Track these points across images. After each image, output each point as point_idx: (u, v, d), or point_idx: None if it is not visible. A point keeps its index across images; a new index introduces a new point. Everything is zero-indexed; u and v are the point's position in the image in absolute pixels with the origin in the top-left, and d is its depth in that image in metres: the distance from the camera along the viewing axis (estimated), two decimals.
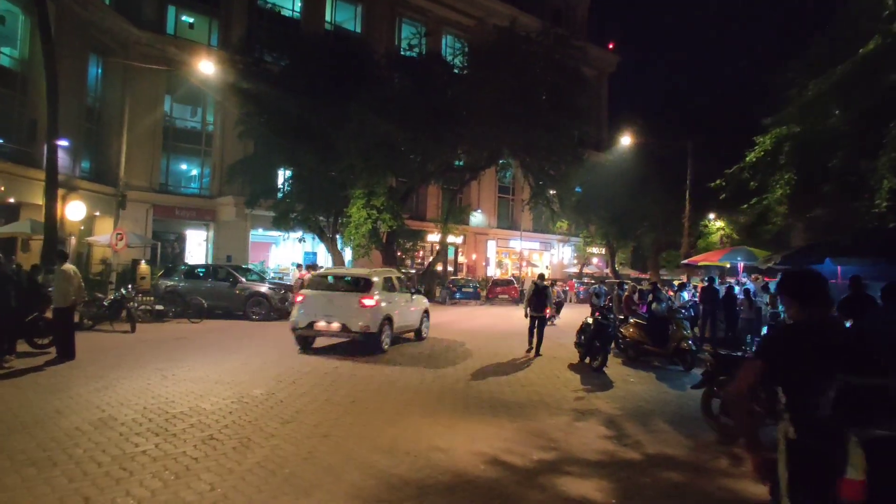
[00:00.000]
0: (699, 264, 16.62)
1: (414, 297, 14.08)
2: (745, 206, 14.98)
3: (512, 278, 35.72)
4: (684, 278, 20.26)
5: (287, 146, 23.12)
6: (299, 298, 12.20)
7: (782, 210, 13.75)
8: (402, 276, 15.51)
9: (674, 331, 11.41)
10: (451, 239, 38.40)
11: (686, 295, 14.54)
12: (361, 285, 12.16)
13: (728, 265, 16.35)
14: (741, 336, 13.85)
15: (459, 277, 33.82)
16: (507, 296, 30.56)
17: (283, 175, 27.55)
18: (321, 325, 11.66)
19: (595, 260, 50.20)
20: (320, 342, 12.72)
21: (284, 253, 34.35)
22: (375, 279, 12.23)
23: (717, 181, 14.86)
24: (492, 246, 45.45)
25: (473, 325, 19.12)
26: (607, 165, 34.13)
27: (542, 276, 13.58)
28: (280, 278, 24.12)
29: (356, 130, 21.33)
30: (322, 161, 23.09)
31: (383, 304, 12.05)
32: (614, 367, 11.06)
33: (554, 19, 39.53)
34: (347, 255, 27.92)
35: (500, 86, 22.75)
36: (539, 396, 8.50)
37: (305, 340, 12.17)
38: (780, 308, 12.50)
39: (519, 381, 9.61)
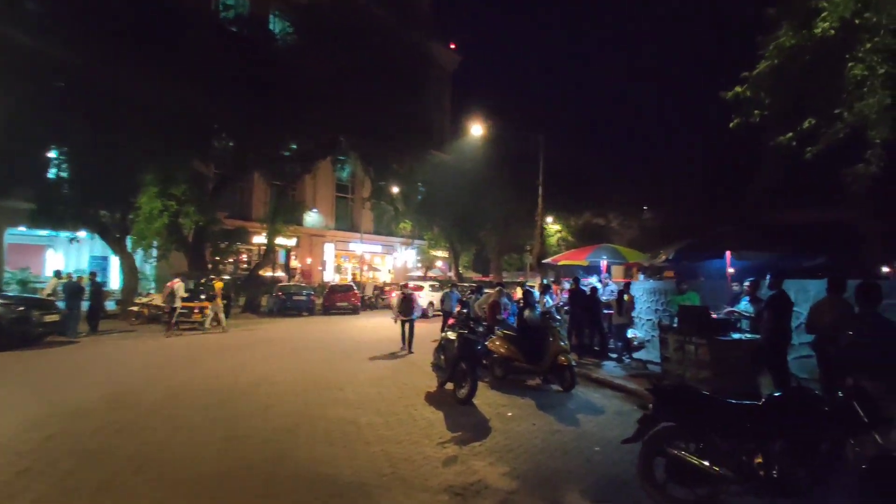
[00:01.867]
0: (560, 263, 15.04)
1: None
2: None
3: (352, 284, 32.42)
4: (552, 278, 18.86)
5: (52, 117, 17.56)
6: None
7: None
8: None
9: (550, 343, 9.21)
10: (282, 241, 34.16)
11: (550, 299, 12.64)
12: None
13: (587, 263, 14.96)
14: (607, 343, 12.24)
15: (291, 284, 29.66)
16: (346, 303, 27.15)
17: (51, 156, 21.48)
18: None
19: (439, 263, 48.77)
20: None
21: (72, 257, 27.53)
22: None
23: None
24: (329, 249, 41.75)
25: (296, 344, 15.62)
26: (451, 165, 32.39)
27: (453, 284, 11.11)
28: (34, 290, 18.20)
29: (148, 100, 16.70)
30: (103, 138, 17.92)
31: None
32: (482, 393, 8.47)
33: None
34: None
35: (337, 61, 19.57)
36: (389, 462, 5.55)
37: None
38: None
39: (357, 433, 6.57)
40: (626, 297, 11.81)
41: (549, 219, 42.29)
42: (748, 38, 9.65)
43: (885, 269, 19.78)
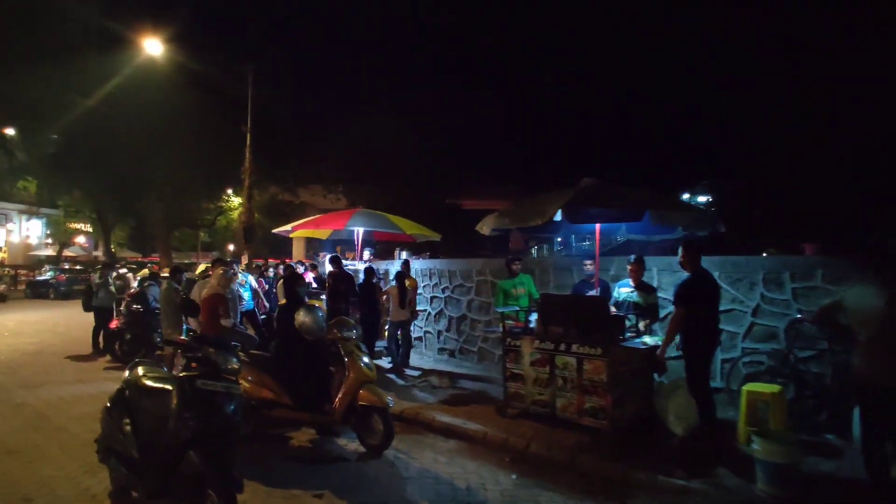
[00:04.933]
0: (293, 235, 10.51)
1: None
2: None
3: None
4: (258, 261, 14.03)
5: None
6: None
7: None
8: None
9: (345, 367, 5.31)
10: None
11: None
12: None
13: (331, 235, 10.93)
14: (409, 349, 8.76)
15: None
16: None
17: None
18: None
19: (81, 239, 37.65)
20: None
21: None
22: None
23: None
24: None
25: None
26: (106, 103, 23.72)
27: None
28: None
29: None
30: None
31: None
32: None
33: None
34: None
35: None
36: None
37: None
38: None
39: None
40: (407, 281, 8.52)
41: (230, 191, 36.43)
42: None
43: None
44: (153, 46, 14.67)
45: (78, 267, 28.78)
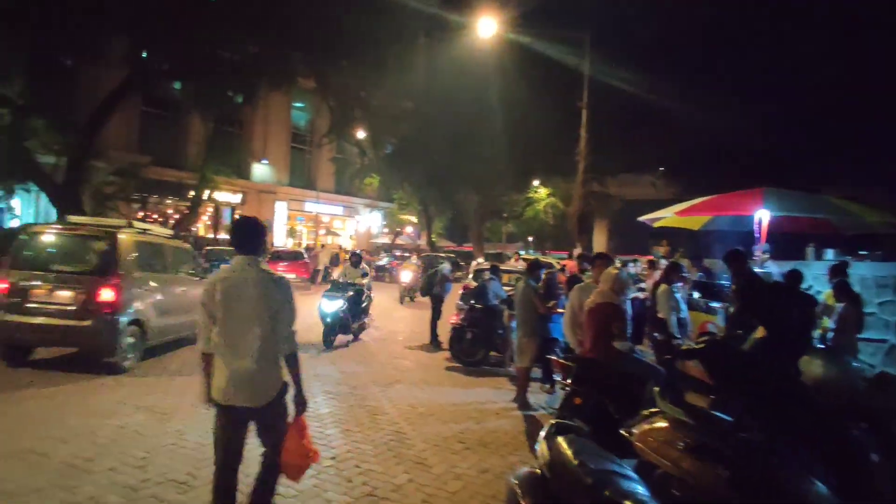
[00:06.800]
0: (659, 224, 8.39)
1: None
2: None
3: (303, 251, 25.78)
4: (661, 251, 12.41)
5: None
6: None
7: None
8: None
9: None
10: (225, 197, 27.29)
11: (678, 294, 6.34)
12: None
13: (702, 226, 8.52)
14: None
15: (223, 248, 22.61)
16: (293, 275, 20.54)
17: None
18: None
19: (409, 229, 42.34)
20: None
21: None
22: None
23: None
24: (281, 208, 34.62)
25: None
26: (434, 100, 25.16)
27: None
28: None
29: None
30: None
31: None
32: None
33: None
34: None
35: None
36: None
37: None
38: None
39: None
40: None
41: (535, 182, 36.39)
42: None
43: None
44: (486, 27, 14.23)
45: (406, 254, 31.88)
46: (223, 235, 26.97)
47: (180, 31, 14.02)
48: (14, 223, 16.23)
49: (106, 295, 6.77)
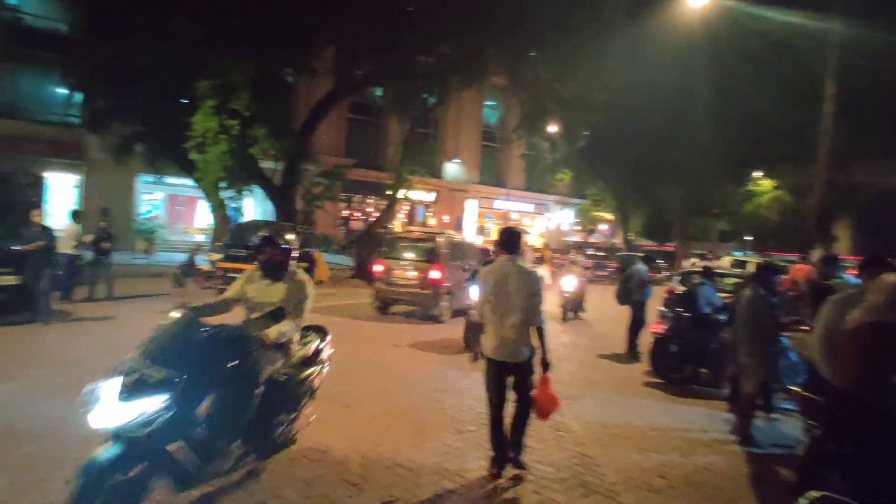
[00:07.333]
0: None
1: None
2: None
3: (489, 248, 25.60)
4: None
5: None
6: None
7: None
8: None
9: None
10: (420, 195, 28.54)
11: None
12: None
13: None
14: None
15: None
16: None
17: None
18: None
19: (603, 227, 40.27)
20: None
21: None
22: None
23: None
24: (472, 206, 35.31)
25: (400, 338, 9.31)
26: (625, 96, 23.16)
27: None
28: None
29: None
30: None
31: None
32: None
33: None
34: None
35: None
36: None
37: None
38: None
39: None
40: None
41: (759, 173, 31.95)
42: None
43: None
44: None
45: (601, 253, 30.07)
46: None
47: (382, 41, 14.66)
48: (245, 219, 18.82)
49: (434, 275, 10.93)
